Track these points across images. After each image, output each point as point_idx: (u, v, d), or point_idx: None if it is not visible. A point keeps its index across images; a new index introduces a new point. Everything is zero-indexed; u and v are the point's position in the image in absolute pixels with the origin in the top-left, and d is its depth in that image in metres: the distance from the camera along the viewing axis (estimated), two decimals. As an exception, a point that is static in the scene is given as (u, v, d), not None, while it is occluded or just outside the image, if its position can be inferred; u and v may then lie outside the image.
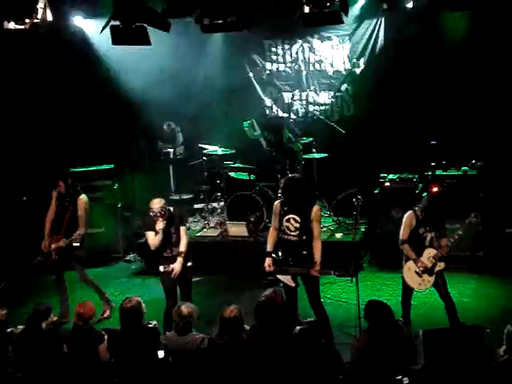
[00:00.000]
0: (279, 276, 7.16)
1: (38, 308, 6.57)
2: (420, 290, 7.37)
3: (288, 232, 7.13)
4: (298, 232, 7.07)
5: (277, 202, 7.36)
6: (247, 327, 6.31)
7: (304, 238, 7.07)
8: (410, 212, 7.32)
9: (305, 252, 7.06)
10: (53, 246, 8.22)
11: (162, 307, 7.64)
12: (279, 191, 7.58)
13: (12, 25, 8.39)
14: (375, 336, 5.68)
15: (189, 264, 7.74)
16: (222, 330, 5.87)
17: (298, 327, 5.71)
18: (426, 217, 7.22)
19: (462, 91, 10.39)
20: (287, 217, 7.13)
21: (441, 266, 7.23)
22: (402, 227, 7.32)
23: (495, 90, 10.19)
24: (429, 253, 7.24)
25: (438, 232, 7.24)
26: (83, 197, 8.35)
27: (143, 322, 6.20)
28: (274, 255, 7.21)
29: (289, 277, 7.05)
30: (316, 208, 7.18)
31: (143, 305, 6.25)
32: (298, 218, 7.08)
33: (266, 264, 7.18)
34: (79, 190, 8.42)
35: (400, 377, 5.58)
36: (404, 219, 7.35)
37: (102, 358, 6.20)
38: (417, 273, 7.25)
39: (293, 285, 7.08)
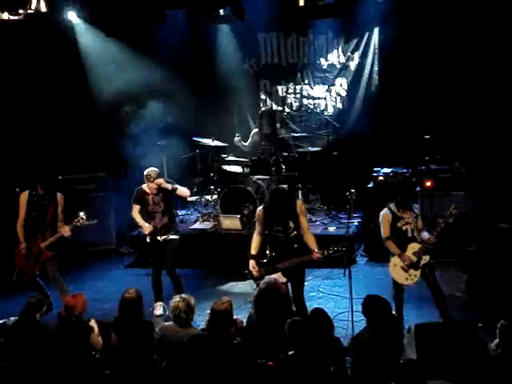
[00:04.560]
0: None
1: (31, 300, 6.53)
2: (407, 285, 7.38)
3: (277, 234, 7.12)
4: (287, 232, 7.08)
5: (259, 210, 7.34)
6: (241, 318, 6.33)
7: (293, 234, 7.10)
8: (384, 210, 7.44)
9: (295, 246, 7.08)
10: (42, 244, 8.00)
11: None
12: (264, 203, 7.58)
13: (6, 15, 8.37)
14: (376, 330, 5.70)
15: (173, 236, 7.92)
16: (211, 322, 5.88)
17: (289, 320, 5.70)
18: (401, 204, 7.31)
19: (458, 85, 10.38)
20: (274, 221, 7.13)
21: (426, 259, 7.27)
22: (382, 226, 7.39)
23: (490, 86, 10.18)
24: (413, 247, 7.27)
25: (413, 215, 7.33)
26: (59, 194, 8.24)
27: (141, 314, 6.23)
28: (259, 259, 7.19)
29: (279, 273, 7.03)
30: (299, 203, 7.28)
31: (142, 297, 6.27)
32: (284, 220, 7.08)
33: (251, 266, 7.16)
34: (54, 187, 8.30)
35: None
36: (380, 218, 7.44)
37: (95, 347, 6.20)
38: (403, 268, 7.27)
39: (284, 280, 6.99)
